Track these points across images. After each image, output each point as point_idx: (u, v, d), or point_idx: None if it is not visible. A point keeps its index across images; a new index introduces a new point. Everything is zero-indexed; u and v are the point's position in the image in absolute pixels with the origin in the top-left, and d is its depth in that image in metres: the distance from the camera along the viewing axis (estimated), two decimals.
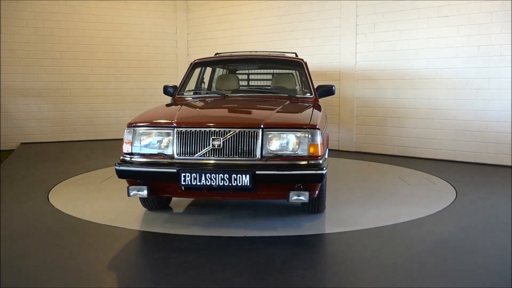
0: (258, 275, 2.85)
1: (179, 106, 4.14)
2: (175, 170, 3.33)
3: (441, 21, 6.59)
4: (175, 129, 3.47)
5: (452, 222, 3.88)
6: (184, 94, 4.86)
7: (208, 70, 5.68)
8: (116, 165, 3.51)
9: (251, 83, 6.73)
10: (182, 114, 3.77)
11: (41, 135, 8.73)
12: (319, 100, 4.63)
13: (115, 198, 4.60)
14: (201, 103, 4.53)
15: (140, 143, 3.55)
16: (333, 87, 4.78)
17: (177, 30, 9.68)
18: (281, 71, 6.14)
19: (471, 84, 6.44)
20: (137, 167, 3.47)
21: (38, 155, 7.40)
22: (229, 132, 3.40)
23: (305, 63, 5.01)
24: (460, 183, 5.26)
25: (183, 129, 3.46)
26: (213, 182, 3.28)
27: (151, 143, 3.54)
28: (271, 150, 3.42)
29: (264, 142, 3.40)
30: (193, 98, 4.80)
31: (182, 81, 4.97)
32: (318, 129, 3.45)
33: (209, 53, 8.10)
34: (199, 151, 3.42)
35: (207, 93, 4.98)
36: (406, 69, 7.00)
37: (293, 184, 3.33)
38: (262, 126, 3.42)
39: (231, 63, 5.52)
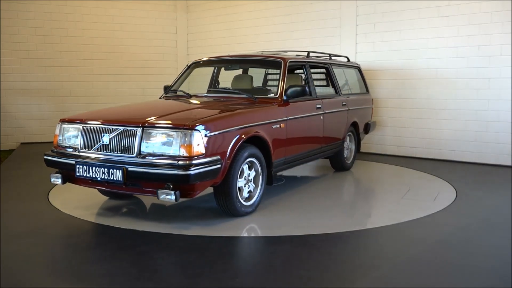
0: (258, 275, 2.85)
1: (129, 105, 4.63)
2: (73, 162, 3.73)
3: (441, 21, 6.59)
4: (81, 125, 3.85)
5: (452, 222, 3.88)
6: (177, 93, 5.12)
7: (207, 70, 5.74)
8: (43, 155, 3.99)
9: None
10: (93, 112, 4.13)
11: (41, 135, 8.72)
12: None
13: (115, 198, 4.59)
14: (155, 102, 4.83)
15: (63, 137, 4.01)
16: (306, 88, 4.55)
17: (177, 30, 9.68)
18: (252, 70, 6.24)
19: (471, 84, 6.44)
20: (53, 157, 3.95)
21: (38, 155, 7.36)
22: (115, 130, 3.65)
23: (285, 63, 4.76)
24: (460, 183, 5.26)
25: (85, 126, 3.83)
26: (97, 175, 3.61)
27: (69, 137, 3.97)
28: (149, 148, 3.54)
29: (143, 140, 3.55)
30: (169, 97, 5.08)
31: (173, 82, 5.29)
32: (196, 130, 3.45)
33: (209, 53, 8.11)
34: (94, 146, 3.73)
35: (183, 93, 5.05)
36: (406, 69, 7.00)
37: (164, 183, 3.42)
38: (141, 125, 3.58)
39: (218, 64, 5.58)
